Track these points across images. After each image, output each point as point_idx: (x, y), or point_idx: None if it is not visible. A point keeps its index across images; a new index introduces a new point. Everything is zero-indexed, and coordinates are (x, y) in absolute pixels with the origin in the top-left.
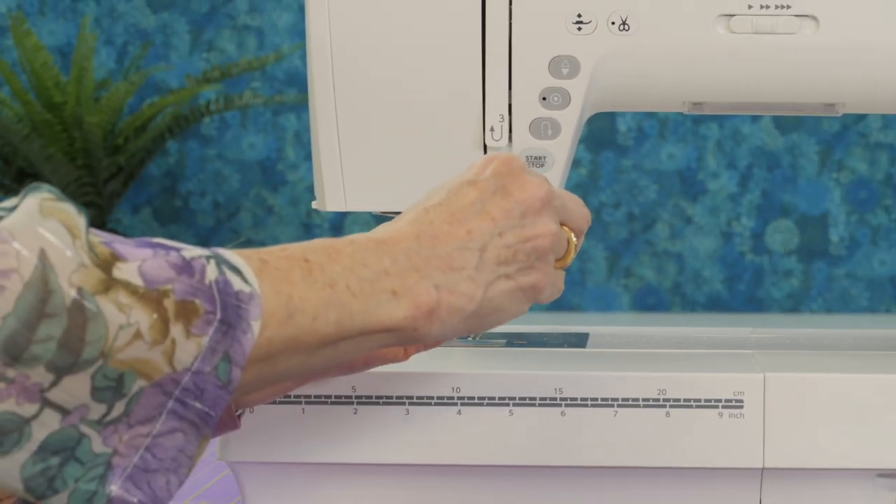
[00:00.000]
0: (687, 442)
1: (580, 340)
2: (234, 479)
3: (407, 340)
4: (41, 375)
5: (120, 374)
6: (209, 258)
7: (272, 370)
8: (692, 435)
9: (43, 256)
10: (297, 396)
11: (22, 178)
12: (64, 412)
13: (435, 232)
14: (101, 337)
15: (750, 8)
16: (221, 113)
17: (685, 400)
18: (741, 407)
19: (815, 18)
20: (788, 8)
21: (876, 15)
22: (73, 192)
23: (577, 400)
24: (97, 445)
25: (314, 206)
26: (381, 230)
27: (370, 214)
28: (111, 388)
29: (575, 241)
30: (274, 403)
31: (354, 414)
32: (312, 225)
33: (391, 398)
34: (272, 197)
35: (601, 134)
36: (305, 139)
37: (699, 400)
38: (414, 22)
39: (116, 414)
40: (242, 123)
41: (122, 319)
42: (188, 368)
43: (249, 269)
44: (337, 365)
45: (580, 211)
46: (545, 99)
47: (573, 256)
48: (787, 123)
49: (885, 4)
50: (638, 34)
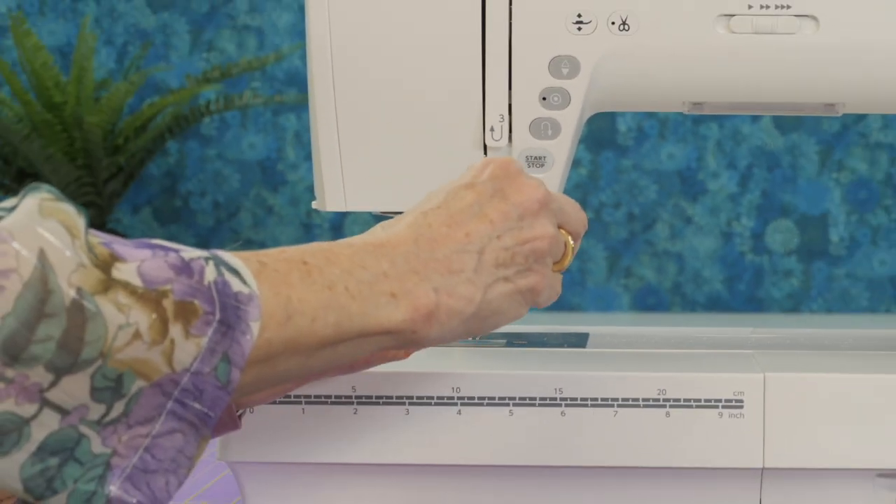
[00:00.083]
0: (687, 442)
1: (580, 340)
2: (234, 479)
3: (406, 343)
4: (40, 375)
5: (119, 374)
6: (208, 259)
7: (271, 371)
8: (692, 435)
9: (42, 256)
10: (297, 396)
11: (22, 178)
12: (63, 412)
13: (433, 235)
14: (100, 337)
15: (750, 8)
16: (221, 113)
17: (685, 400)
18: (741, 407)
19: (815, 18)
20: (788, 8)
21: (876, 15)
22: (73, 192)
23: (577, 400)
24: (96, 446)
25: (314, 206)
26: (379, 233)
27: (370, 214)
28: (110, 388)
29: (572, 244)
30: (274, 403)
31: (354, 414)
32: (312, 225)
33: (391, 398)
34: (272, 197)
35: (601, 134)
36: (305, 139)
37: (699, 400)
38: (414, 22)
39: (116, 414)
40: (242, 123)
41: (121, 319)
42: (187, 369)
43: (248, 270)
44: (337, 365)
45: (577, 214)
46: (545, 99)
47: (570, 259)
48: (787, 123)
49: (885, 4)
50: (638, 34)
